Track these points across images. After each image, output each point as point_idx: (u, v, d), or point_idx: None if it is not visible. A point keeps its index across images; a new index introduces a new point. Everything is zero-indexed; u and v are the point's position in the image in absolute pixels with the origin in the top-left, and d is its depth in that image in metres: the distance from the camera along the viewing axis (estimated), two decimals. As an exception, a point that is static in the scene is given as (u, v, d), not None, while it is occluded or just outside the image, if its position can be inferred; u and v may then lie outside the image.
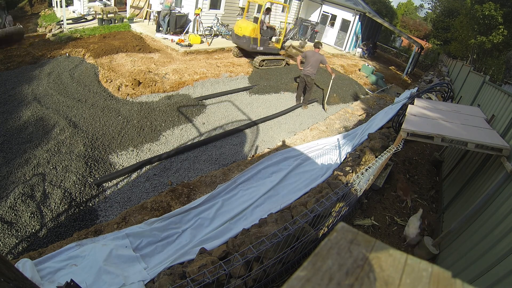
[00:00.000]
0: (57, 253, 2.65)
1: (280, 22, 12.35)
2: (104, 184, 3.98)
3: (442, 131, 3.26)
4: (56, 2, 11.87)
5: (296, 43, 15.67)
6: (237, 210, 3.59)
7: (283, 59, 10.61)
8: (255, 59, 9.79)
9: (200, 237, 3.14)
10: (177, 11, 10.64)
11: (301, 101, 7.81)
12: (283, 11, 16.15)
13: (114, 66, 7.36)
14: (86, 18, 11.08)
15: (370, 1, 26.57)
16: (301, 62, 7.61)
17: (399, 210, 4.07)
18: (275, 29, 10.34)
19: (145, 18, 12.12)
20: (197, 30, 11.24)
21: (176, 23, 10.61)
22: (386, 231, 3.63)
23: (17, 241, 3.08)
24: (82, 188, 3.79)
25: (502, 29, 14.08)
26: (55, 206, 3.48)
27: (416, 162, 5.61)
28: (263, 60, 9.76)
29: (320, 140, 5.83)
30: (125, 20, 11.31)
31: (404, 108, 5.34)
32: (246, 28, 9.08)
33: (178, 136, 5.31)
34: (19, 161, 4.01)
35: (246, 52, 10.10)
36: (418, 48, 16.21)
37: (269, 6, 10.14)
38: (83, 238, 2.93)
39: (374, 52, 20.63)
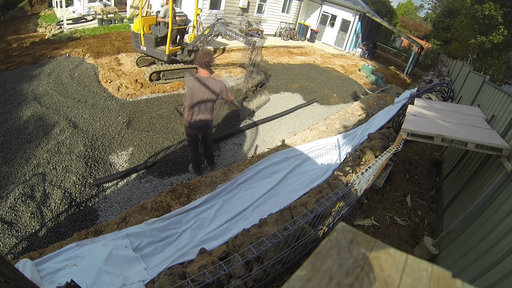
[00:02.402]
0: (57, 253, 2.65)
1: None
2: (104, 185, 3.98)
3: (442, 131, 3.26)
4: (56, 2, 11.87)
5: (296, 43, 15.68)
6: (237, 210, 3.59)
7: (195, 67, 7.46)
8: (146, 71, 6.89)
9: (200, 237, 3.14)
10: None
11: (199, 173, 4.45)
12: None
13: (114, 66, 7.36)
14: (86, 18, 11.09)
15: (370, 1, 26.58)
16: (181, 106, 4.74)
17: (399, 210, 4.07)
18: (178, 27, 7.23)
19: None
20: (197, 30, 11.24)
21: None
22: (386, 231, 3.63)
23: (17, 241, 3.08)
24: (82, 189, 3.79)
25: (502, 29, 14.09)
26: (55, 206, 3.48)
27: (416, 162, 5.61)
28: (155, 72, 6.85)
29: (320, 140, 5.83)
30: (125, 20, 11.32)
31: (404, 108, 5.34)
32: (136, 22, 6.94)
33: (178, 136, 5.31)
34: (19, 161, 4.02)
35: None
36: (418, 48, 16.23)
37: None
38: (83, 238, 2.93)
39: (374, 52, 20.64)
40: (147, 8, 12.01)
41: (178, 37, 7.45)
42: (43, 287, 2.31)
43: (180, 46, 7.32)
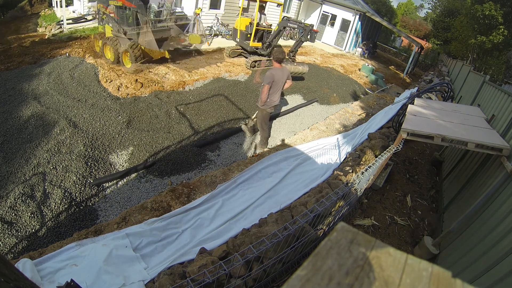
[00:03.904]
0: (57, 253, 2.65)
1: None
2: (104, 184, 3.98)
3: (442, 131, 3.26)
4: (56, 2, 11.87)
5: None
6: (237, 210, 3.59)
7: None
8: (247, 60, 9.56)
9: (200, 237, 3.14)
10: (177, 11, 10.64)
11: (266, 146, 5.51)
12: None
13: (114, 66, 7.36)
14: (86, 18, 11.08)
15: (370, 0, 26.57)
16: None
17: (399, 210, 4.07)
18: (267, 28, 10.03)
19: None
20: (197, 30, 11.23)
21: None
22: (386, 231, 3.63)
23: (17, 241, 3.08)
24: (82, 188, 3.79)
25: (502, 29, 14.09)
26: (55, 206, 3.48)
27: (416, 162, 5.61)
28: (255, 61, 9.56)
29: (320, 140, 5.82)
30: (125, 20, 11.30)
31: (404, 108, 5.34)
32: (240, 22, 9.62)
33: (178, 136, 5.30)
34: (19, 161, 4.02)
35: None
36: (418, 48, 16.22)
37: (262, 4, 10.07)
38: (83, 238, 2.93)
39: (374, 52, 20.63)
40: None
41: (263, 36, 9.94)
42: (43, 287, 2.31)
43: (261, 43, 9.87)
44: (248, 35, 9.58)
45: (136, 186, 4.08)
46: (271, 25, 10.67)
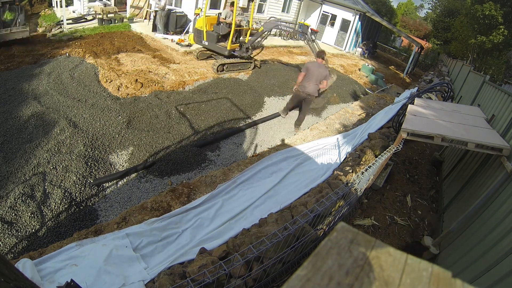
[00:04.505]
0: (57, 253, 2.65)
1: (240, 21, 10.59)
2: (104, 184, 3.98)
3: (442, 131, 3.26)
4: (56, 2, 11.87)
5: (296, 42, 15.67)
6: (237, 210, 3.59)
7: (251, 62, 9.21)
8: (213, 62, 8.33)
9: (200, 237, 3.14)
10: (173, 11, 10.65)
11: (286, 114, 6.66)
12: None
13: (114, 66, 7.36)
14: (86, 18, 11.08)
15: (370, 0, 26.57)
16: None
17: (399, 210, 4.07)
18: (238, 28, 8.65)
19: (145, 18, 12.12)
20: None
21: (176, 23, 10.61)
22: (386, 231, 3.63)
23: (17, 241, 3.08)
24: (82, 188, 3.79)
25: (502, 29, 14.09)
26: (55, 206, 3.48)
27: (416, 162, 5.61)
28: (223, 64, 8.35)
29: (320, 140, 5.82)
30: (125, 20, 11.31)
31: (404, 108, 5.34)
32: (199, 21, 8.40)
33: (178, 136, 5.31)
34: (19, 161, 4.01)
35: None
36: (418, 48, 16.22)
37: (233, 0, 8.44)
38: (83, 238, 2.93)
39: (374, 51, 20.63)
40: (147, 8, 12.03)
41: (236, 36, 8.61)
42: (43, 287, 2.31)
43: (239, 44, 8.52)
44: (220, 36, 8.29)
45: (136, 186, 4.08)
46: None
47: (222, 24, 8.34)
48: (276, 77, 9.30)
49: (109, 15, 10.69)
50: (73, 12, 11.74)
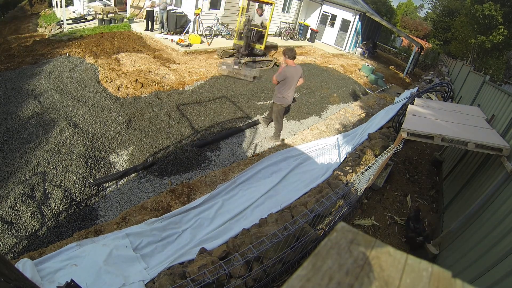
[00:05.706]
0: (57, 253, 2.65)
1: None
2: (104, 184, 3.98)
3: (442, 131, 3.26)
4: (56, 2, 11.87)
5: (296, 42, 15.68)
6: (237, 210, 3.59)
7: (270, 60, 10.34)
8: (234, 60, 9.10)
9: (200, 237, 3.14)
10: (173, 11, 10.68)
11: (268, 125, 6.25)
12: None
13: (114, 66, 7.36)
14: (86, 18, 11.08)
15: (370, 0, 26.58)
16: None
17: (399, 210, 4.07)
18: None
19: (145, 18, 12.12)
20: (197, 30, 11.24)
21: (176, 23, 10.62)
22: (386, 231, 3.63)
23: (17, 241, 3.08)
24: (82, 188, 3.79)
25: (502, 29, 14.10)
26: (55, 206, 3.48)
27: (416, 162, 5.61)
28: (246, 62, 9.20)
29: (320, 140, 5.82)
30: (125, 20, 11.32)
31: (404, 108, 5.34)
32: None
33: (178, 136, 5.31)
34: (19, 161, 4.01)
35: None
36: (418, 48, 16.22)
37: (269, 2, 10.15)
38: (83, 238, 2.93)
39: (374, 52, 20.63)
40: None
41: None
42: (43, 287, 2.31)
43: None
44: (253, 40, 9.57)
45: (136, 186, 4.08)
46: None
47: (253, 30, 9.48)
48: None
49: (109, 15, 10.69)
50: (73, 12, 11.75)
